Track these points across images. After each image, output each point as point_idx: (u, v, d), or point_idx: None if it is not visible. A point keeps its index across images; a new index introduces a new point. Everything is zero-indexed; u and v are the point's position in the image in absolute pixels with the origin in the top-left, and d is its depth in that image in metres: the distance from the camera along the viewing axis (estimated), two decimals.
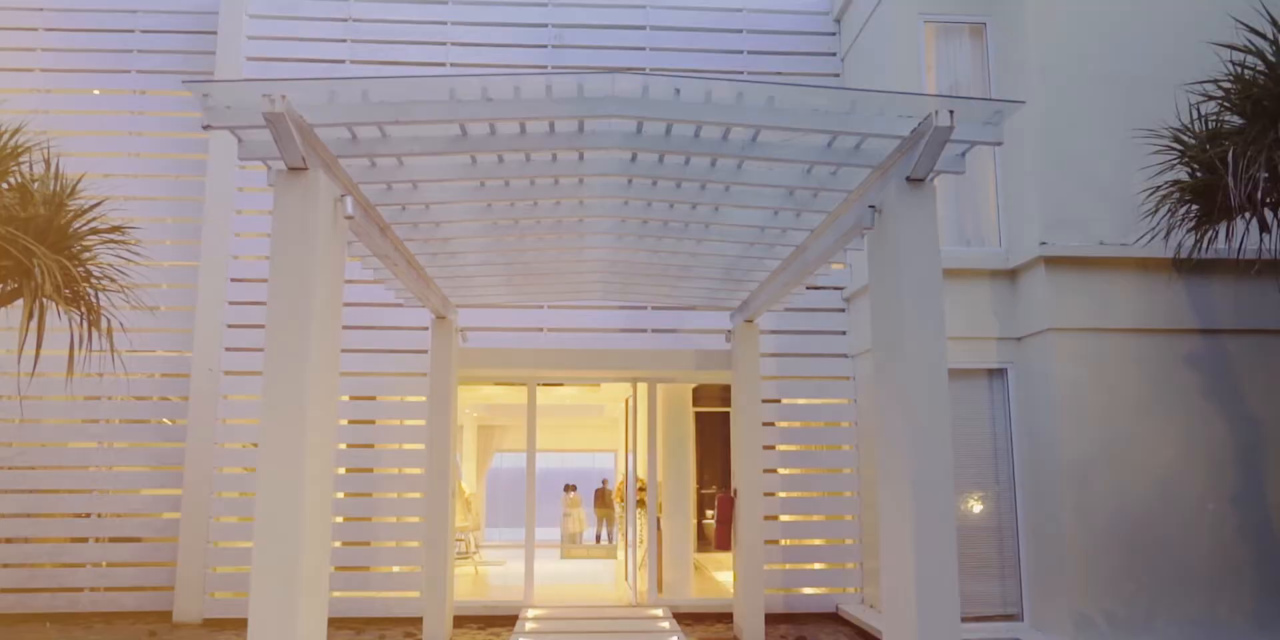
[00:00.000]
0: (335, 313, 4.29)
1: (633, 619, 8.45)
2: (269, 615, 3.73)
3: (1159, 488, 7.24)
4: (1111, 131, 7.59)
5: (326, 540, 4.15)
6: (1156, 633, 7.04)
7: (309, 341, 3.93)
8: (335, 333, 4.28)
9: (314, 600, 3.94)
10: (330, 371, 4.18)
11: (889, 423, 4.26)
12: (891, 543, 4.20)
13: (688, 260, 6.92)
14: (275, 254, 4.02)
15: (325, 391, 4.08)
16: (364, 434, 9.34)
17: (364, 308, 9.27)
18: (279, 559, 3.77)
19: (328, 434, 4.11)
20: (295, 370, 3.90)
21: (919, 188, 4.19)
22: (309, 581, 3.87)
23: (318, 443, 3.97)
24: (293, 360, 3.91)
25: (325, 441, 4.08)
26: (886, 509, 4.28)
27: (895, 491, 4.13)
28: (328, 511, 4.17)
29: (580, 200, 5.56)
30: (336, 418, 4.28)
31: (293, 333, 3.93)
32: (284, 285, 3.98)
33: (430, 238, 6.08)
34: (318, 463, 3.97)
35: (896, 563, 4.13)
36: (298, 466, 3.84)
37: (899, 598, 4.09)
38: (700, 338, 9.48)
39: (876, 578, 8.79)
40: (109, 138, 9.70)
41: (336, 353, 4.31)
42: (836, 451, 9.56)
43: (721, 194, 5.37)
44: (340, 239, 4.35)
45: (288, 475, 3.82)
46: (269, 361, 3.95)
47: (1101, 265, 7.52)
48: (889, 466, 4.24)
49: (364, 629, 8.32)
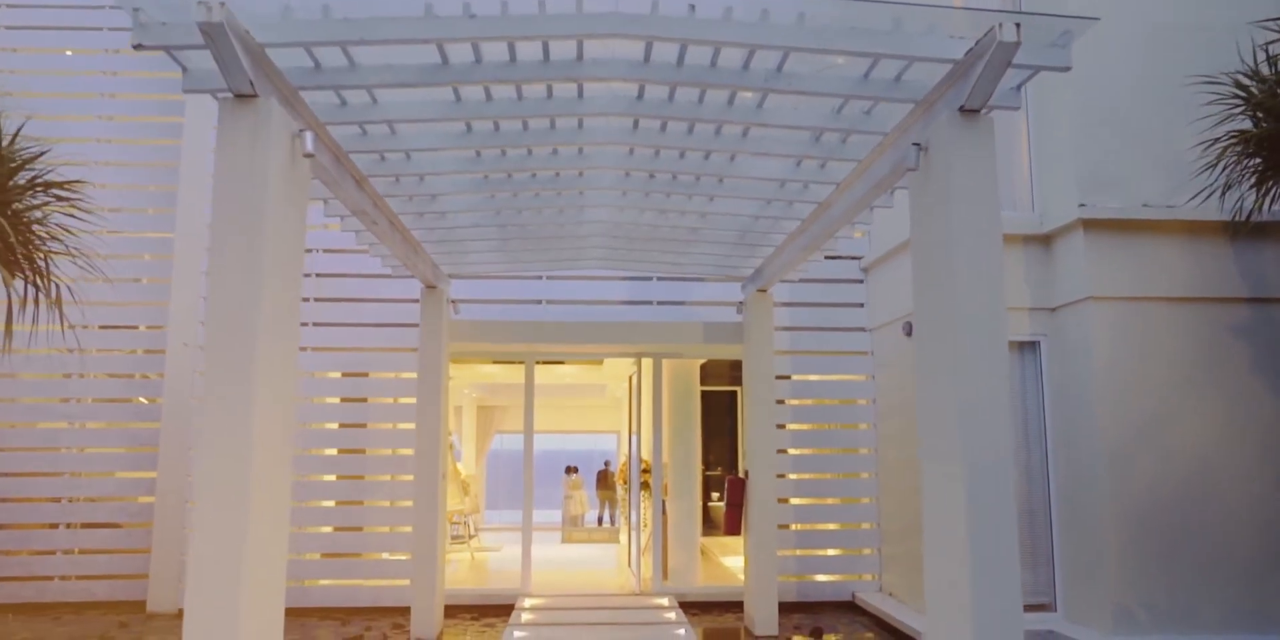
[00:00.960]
0: (293, 273, 3.71)
1: (636, 609, 7.93)
2: (207, 615, 3.19)
3: (1203, 469, 6.68)
4: (1158, 81, 6.97)
5: (280, 534, 3.60)
6: (1201, 625, 6.51)
7: (259, 306, 3.35)
8: (292, 296, 3.69)
9: (262, 599, 3.39)
10: (286, 342, 3.60)
11: (934, 397, 3.69)
12: (939, 534, 3.64)
13: (698, 222, 6.33)
14: (218, 201, 3.43)
15: (278, 366, 3.50)
16: (357, 413, 8.79)
17: (355, 279, 8.72)
18: (218, 557, 3.23)
19: (280, 417, 3.53)
20: (241, 340, 3.32)
21: (974, 121, 3.59)
22: (256, 581, 3.32)
23: (268, 427, 3.39)
24: (238, 328, 3.33)
25: (277, 426, 3.49)
26: (931, 494, 3.71)
27: (942, 475, 3.57)
28: (282, 501, 3.61)
29: (579, 148, 4.96)
30: (292, 397, 3.69)
31: (238, 296, 3.35)
32: (228, 239, 3.39)
33: (415, 193, 5.48)
34: (268, 451, 3.40)
35: (944, 556, 3.57)
36: (242, 455, 3.27)
37: (948, 595, 3.53)
38: (708, 310, 8.90)
39: (895, 565, 8.26)
40: (80, 100, 9.07)
41: (294, 320, 3.72)
42: (853, 430, 9.01)
43: (738, 140, 4.77)
44: (300, 184, 3.76)
45: (230, 464, 3.27)
46: (210, 330, 3.37)
47: (1145, 229, 6.92)
48: (935, 446, 3.67)
49: (350, 619, 7.81)
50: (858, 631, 7.50)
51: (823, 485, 8.98)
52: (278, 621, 3.62)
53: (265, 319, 3.38)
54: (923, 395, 3.80)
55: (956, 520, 3.41)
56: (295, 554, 8.31)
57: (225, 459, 3.26)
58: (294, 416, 3.72)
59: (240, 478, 3.26)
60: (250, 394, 3.29)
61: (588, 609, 7.91)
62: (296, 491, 8.36)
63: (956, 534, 3.42)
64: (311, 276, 8.73)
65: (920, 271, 3.90)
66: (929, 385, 3.74)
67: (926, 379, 3.78)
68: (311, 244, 8.79)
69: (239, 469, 3.26)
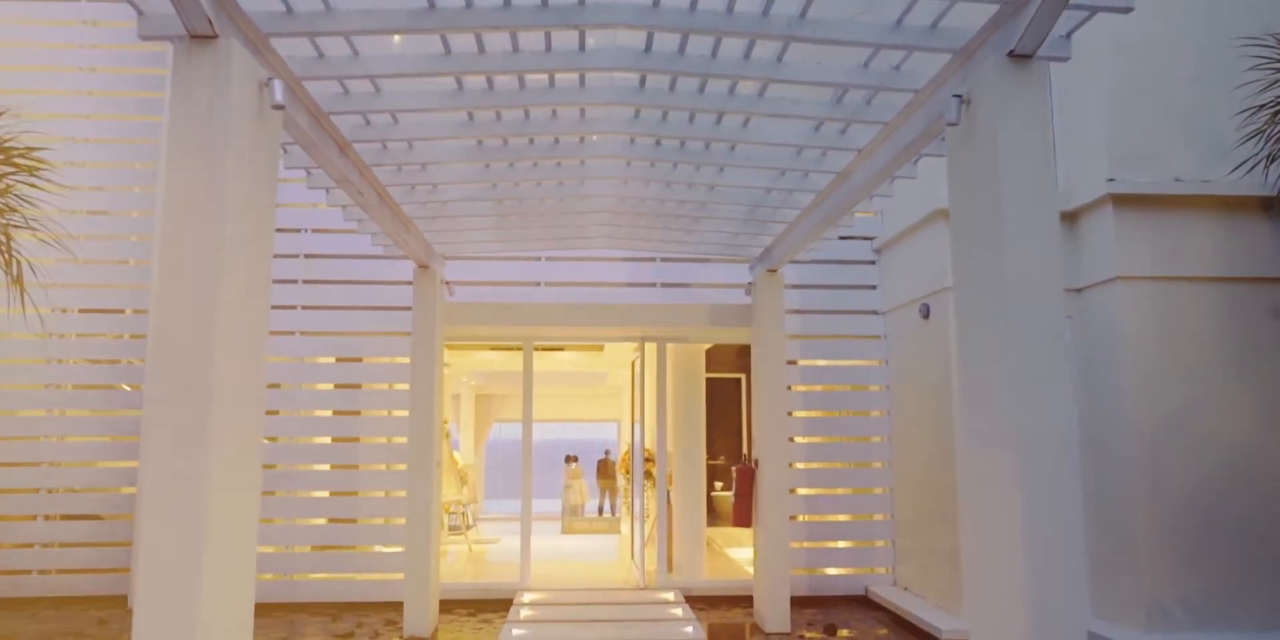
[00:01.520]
0: (260, 240, 3.33)
1: (641, 604, 7.58)
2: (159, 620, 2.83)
3: (1240, 458, 6.32)
4: (1194, 46, 6.58)
5: (245, 535, 3.21)
6: (1239, 622, 6.16)
7: (218, 277, 2.96)
8: (258, 270, 3.31)
9: (224, 608, 3.02)
10: (251, 323, 3.21)
11: (980, 378, 3.31)
12: (985, 533, 3.27)
13: (706, 195, 5.94)
14: (172, 160, 3.03)
15: (243, 348, 3.12)
16: (351, 400, 8.42)
17: (346, 260, 8.34)
18: (171, 563, 2.86)
19: (244, 407, 3.14)
20: (195, 320, 2.94)
21: (1026, 68, 3.20)
22: (216, 588, 2.95)
23: (228, 421, 3.00)
24: (192, 306, 2.94)
25: (242, 416, 3.11)
26: (975, 487, 3.34)
27: (991, 465, 3.20)
28: (248, 499, 3.23)
29: (581, 109, 4.57)
30: (261, 383, 3.30)
31: (193, 267, 2.97)
32: (182, 202, 3.00)
33: (404, 162, 5.09)
34: (228, 448, 3.01)
35: (992, 560, 3.20)
36: (196, 454, 2.89)
37: (998, 605, 3.16)
38: (714, 293, 8.52)
39: (911, 558, 7.92)
40: (57, 74, 8.66)
41: (261, 296, 3.34)
42: (865, 418, 8.64)
43: (754, 101, 4.37)
44: (268, 140, 3.37)
45: (184, 464, 2.89)
46: (158, 309, 2.99)
47: (1178, 204, 6.55)
48: (980, 432, 3.30)
49: (341, 615, 7.46)
50: (873, 627, 7.16)
51: (833, 474, 8.62)
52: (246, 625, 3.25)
53: (226, 293, 2.99)
54: (967, 377, 3.42)
55: (1009, 518, 3.04)
56: (284, 547, 7.96)
57: (177, 458, 2.88)
58: (262, 404, 3.33)
59: (195, 475, 2.88)
60: (207, 382, 2.90)
61: (589, 604, 7.56)
62: (285, 482, 8.01)
63: (1009, 534, 3.05)
64: (300, 257, 8.34)
65: (962, 241, 3.52)
66: (974, 366, 3.36)
67: (971, 359, 3.39)
68: (300, 223, 8.41)
69: (193, 466, 2.88)
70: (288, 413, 8.15)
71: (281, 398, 8.17)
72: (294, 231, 8.39)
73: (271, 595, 7.79)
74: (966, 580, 3.41)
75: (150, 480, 2.89)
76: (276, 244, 8.33)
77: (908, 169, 5.19)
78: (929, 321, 7.46)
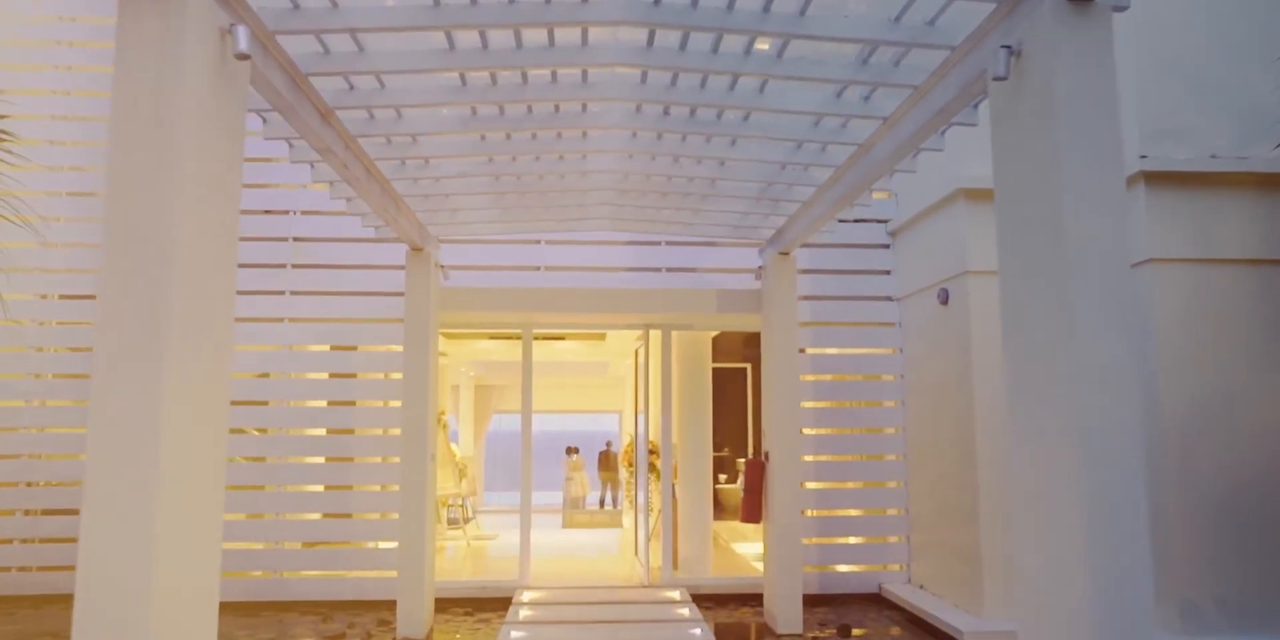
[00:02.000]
0: (222, 207, 2.96)
1: (645, 604, 7.25)
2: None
3: (1279, 450, 5.99)
4: (1231, 17, 6.20)
5: (207, 541, 2.87)
6: (1278, 624, 5.83)
7: (171, 255, 2.61)
8: (221, 240, 2.96)
9: (180, 609, 2.69)
10: (213, 303, 2.86)
11: (1030, 368, 2.95)
12: (1040, 535, 2.92)
13: (716, 171, 5.57)
14: (117, 117, 2.67)
15: (200, 332, 2.77)
16: (345, 389, 8.07)
17: (339, 244, 7.98)
18: (110, 576, 2.52)
19: (205, 395, 2.80)
20: (144, 301, 2.58)
21: (1087, 13, 2.83)
22: (170, 588, 2.62)
23: (185, 413, 2.67)
24: (140, 287, 2.59)
25: (200, 410, 2.77)
26: (1027, 484, 2.99)
27: (1047, 461, 2.85)
28: (209, 498, 2.89)
29: (583, 70, 4.20)
30: (225, 371, 2.95)
31: (142, 239, 2.61)
32: (129, 163, 2.64)
33: (392, 133, 4.73)
34: (184, 441, 2.67)
35: (1047, 564, 2.86)
36: (145, 457, 2.55)
37: (1054, 612, 2.82)
38: (721, 278, 8.16)
39: (926, 554, 7.58)
40: (34, 50, 8.29)
41: (225, 271, 2.98)
42: (877, 408, 8.30)
43: (772, 62, 4.00)
44: (232, 96, 3.01)
45: (130, 467, 2.55)
46: (101, 291, 2.64)
47: (1214, 183, 6.18)
48: (1033, 424, 2.94)
49: (333, 615, 7.14)
50: (889, 627, 6.84)
51: (845, 468, 8.28)
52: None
53: (181, 267, 2.64)
54: (1017, 367, 3.06)
55: (1071, 523, 2.68)
56: (274, 543, 7.63)
57: (124, 455, 2.54)
58: (226, 390, 2.98)
59: (145, 471, 2.54)
60: (157, 368, 2.55)
61: (592, 604, 7.22)
62: (274, 476, 7.67)
63: (1070, 540, 2.70)
64: (289, 240, 7.98)
65: (1009, 212, 3.15)
66: (1026, 354, 3.00)
67: (1022, 347, 3.03)
68: (289, 205, 8.05)
69: (141, 461, 2.54)
70: (277, 403, 7.81)
71: (271, 387, 7.83)
72: (282, 213, 8.03)
73: (261, 594, 7.47)
74: (1019, 587, 3.06)
75: (94, 477, 2.55)
76: (264, 227, 8.06)
77: (934, 140, 4.82)
78: (948, 307, 7.10)
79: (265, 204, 8.06)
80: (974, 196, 6.77)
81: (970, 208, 6.79)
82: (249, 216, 7.98)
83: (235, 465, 7.87)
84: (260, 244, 7.91)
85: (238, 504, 7.72)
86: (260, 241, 7.92)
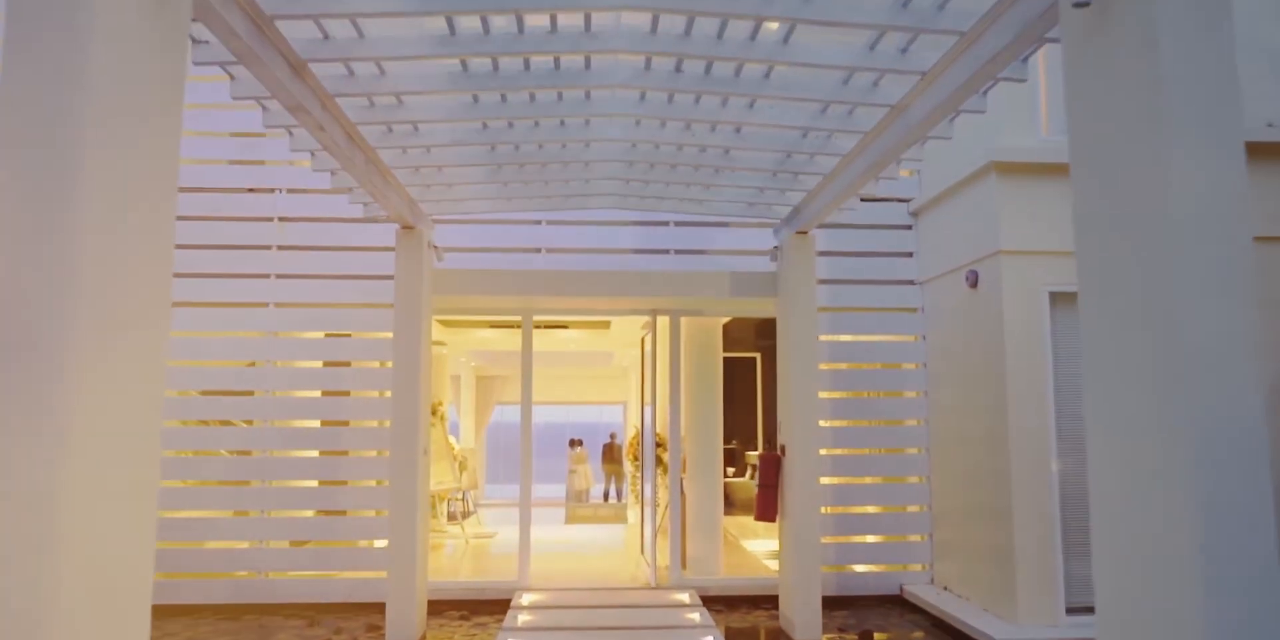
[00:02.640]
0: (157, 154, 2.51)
1: (653, 608, 6.80)
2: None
3: None
4: None
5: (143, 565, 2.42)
6: None
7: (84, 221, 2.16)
8: (160, 207, 2.50)
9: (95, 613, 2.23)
10: (144, 279, 2.41)
11: (1119, 353, 2.49)
12: (1133, 539, 2.46)
13: (731, 139, 5.10)
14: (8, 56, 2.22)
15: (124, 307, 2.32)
16: (336, 379, 7.61)
17: (328, 224, 7.52)
18: None
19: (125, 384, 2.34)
20: (51, 274, 2.14)
21: None
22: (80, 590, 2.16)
23: (98, 404, 2.22)
24: (47, 258, 2.14)
25: (115, 410, 2.30)
26: (1117, 483, 2.53)
27: (1148, 456, 2.39)
28: (144, 521, 2.44)
29: (586, 14, 3.72)
30: (159, 356, 2.50)
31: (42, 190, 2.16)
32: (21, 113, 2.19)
33: (374, 92, 4.26)
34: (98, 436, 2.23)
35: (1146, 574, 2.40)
36: (46, 462, 2.10)
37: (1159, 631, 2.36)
38: (732, 261, 7.68)
39: (950, 554, 7.13)
40: None
41: (164, 247, 2.54)
42: (898, 399, 7.84)
43: (798, 5, 3.53)
44: (169, 30, 2.55)
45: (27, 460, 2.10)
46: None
47: (1269, 154, 5.72)
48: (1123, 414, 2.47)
49: (319, 618, 6.71)
50: (910, 631, 6.40)
51: (864, 462, 7.83)
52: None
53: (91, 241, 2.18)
54: (1100, 352, 2.58)
55: (1176, 528, 2.22)
56: (258, 542, 7.19)
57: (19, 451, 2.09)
58: (159, 378, 2.52)
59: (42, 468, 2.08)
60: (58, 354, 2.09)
61: (596, 607, 6.78)
62: (262, 470, 7.22)
63: (1175, 541, 2.23)
64: (274, 221, 7.52)
65: (1089, 170, 2.67)
66: (1113, 338, 2.52)
67: (1106, 329, 2.55)
68: (275, 182, 7.59)
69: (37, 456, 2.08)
70: (263, 393, 7.36)
71: (256, 377, 7.39)
72: (268, 191, 7.56)
73: (243, 596, 7.03)
74: (1101, 605, 2.60)
75: None
76: (249, 207, 7.60)
77: (975, 101, 4.34)
78: (977, 291, 6.63)
79: (250, 182, 7.60)
80: (1007, 170, 6.29)
81: (1003, 183, 6.31)
82: (231, 195, 7.55)
83: (220, 459, 7.44)
84: (244, 224, 7.45)
85: (222, 501, 7.30)
86: (244, 221, 7.46)
